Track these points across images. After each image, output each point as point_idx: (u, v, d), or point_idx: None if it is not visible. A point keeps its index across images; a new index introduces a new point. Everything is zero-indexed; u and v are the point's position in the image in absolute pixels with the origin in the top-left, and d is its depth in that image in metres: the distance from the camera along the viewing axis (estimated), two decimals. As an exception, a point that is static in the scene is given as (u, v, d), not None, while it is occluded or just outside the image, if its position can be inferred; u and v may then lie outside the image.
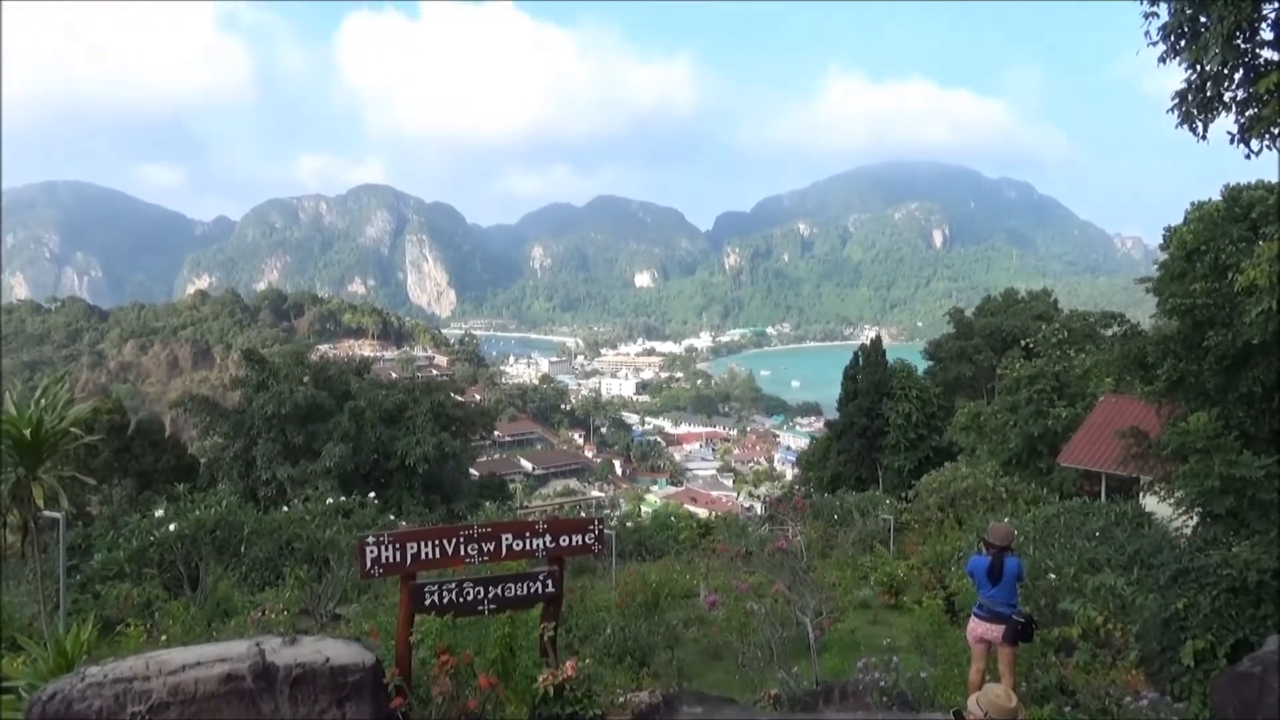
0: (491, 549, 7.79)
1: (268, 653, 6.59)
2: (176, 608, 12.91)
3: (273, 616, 12.06)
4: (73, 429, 9.59)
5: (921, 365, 53.67)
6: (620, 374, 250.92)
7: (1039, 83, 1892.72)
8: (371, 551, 7.28)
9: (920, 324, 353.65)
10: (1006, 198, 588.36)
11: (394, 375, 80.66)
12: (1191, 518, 14.49)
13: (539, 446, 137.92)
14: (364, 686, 6.73)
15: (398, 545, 7.39)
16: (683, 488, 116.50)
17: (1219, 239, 19.09)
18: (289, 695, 6.44)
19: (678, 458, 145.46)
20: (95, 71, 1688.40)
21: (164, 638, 10.68)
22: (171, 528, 16.95)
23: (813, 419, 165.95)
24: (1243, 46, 9.60)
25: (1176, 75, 10.18)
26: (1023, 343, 41.94)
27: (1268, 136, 9.51)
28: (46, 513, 9.61)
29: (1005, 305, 54.70)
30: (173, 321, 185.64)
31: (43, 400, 9.39)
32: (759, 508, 58.89)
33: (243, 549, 18.21)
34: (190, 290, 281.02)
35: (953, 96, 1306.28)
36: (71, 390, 10.83)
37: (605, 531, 11.53)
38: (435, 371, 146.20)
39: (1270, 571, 9.56)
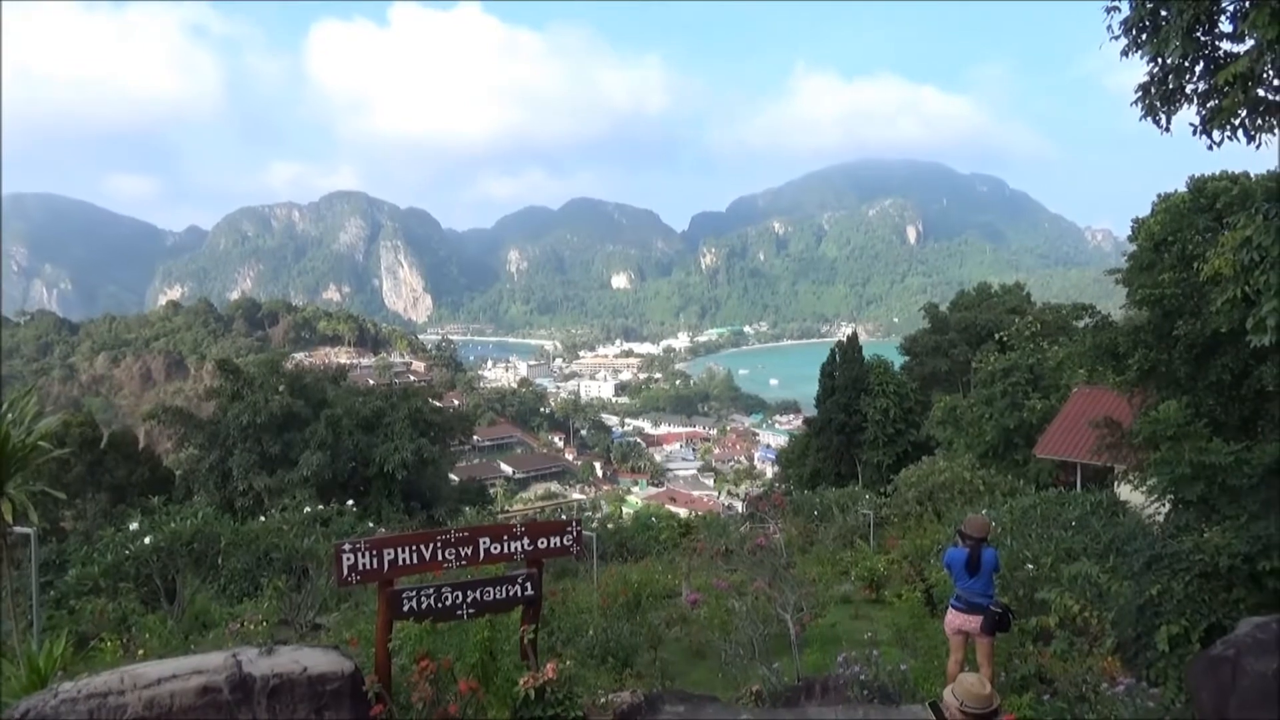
0: (469, 553, 7.75)
1: (244, 664, 6.53)
2: (153, 622, 12.74)
3: (251, 628, 11.93)
4: (42, 443, 9.45)
5: (898, 360, 54.00)
6: (599, 376, 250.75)
7: (1006, 80, 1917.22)
8: (348, 558, 7.22)
9: (896, 320, 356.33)
10: (978, 193, 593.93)
11: (371, 382, 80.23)
12: (1164, 505, 14.64)
13: (519, 450, 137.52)
14: (343, 695, 6.69)
15: (375, 552, 7.32)
16: (664, 488, 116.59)
17: (1185, 229, 19.36)
18: (266, 706, 6.39)
19: (658, 458, 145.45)
20: (63, 82, 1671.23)
21: (140, 652, 10.53)
22: (147, 541, 16.77)
23: (791, 416, 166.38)
24: (1202, 39, 9.72)
25: (1139, 70, 10.29)
26: (997, 336, 42.30)
27: (1228, 127, 9.63)
28: (17, 528, 9.47)
29: (979, 299, 55.19)
30: (145, 333, 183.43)
31: (9, 414, 9.25)
32: (739, 506, 59.01)
33: (220, 560, 18.02)
34: (162, 301, 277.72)
35: (922, 93, 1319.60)
36: (42, 404, 10.68)
37: (584, 533, 11.53)
38: (413, 377, 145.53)
39: (1241, 556, 9.69)
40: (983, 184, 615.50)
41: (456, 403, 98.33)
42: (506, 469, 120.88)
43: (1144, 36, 10.01)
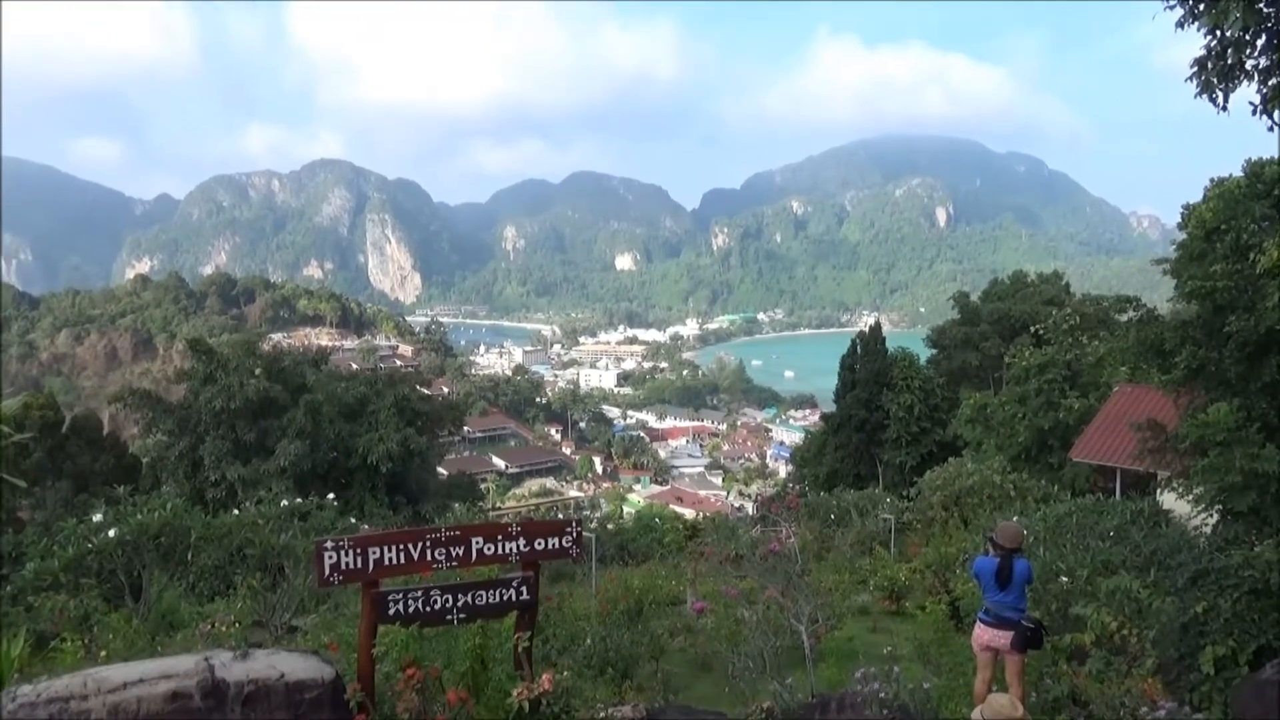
0: (461, 553, 7.77)
1: (217, 668, 6.55)
2: (117, 620, 12.78)
3: (223, 629, 11.95)
4: (0, 427, 9.47)
5: (924, 353, 53.98)
6: (600, 364, 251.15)
7: (1041, 49, 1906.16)
8: (330, 557, 7.23)
9: (923, 309, 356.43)
10: (1014, 173, 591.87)
11: (354, 366, 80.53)
12: (1211, 515, 14.67)
13: (513, 443, 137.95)
14: (323, 703, 6.71)
15: (359, 550, 7.34)
16: (668, 486, 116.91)
17: (1240, 217, 19.27)
18: (241, 714, 6.41)
19: (662, 454, 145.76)
20: (26, 38, 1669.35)
21: (104, 653, 10.56)
22: (111, 534, 16.78)
23: (807, 412, 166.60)
24: (1266, 10, 9.64)
25: (1194, 44, 10.21)
26: (1032, 329, 42.22)
27: (1292, 107, 9.58)
28: (-27, 518, 9.52)
29: (1013, 289, 55.04)
30: (111, 309, 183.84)
31: (-33, 395, 9.28)
32: (750, 507, 59.11)
33: (190, 556, 18.05)
34: (130, 275, 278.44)
35: (951, 62, 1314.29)
36: (-1, 384, 10.70)
37: (584, 534, 11.55)
38: (399, 362, 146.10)
39: (1294, 572, 9.68)
40: (1020, 163, 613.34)
41: (446, 390, 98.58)
42: (499, 463, 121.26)
43: (1201, 6, 9.94)
